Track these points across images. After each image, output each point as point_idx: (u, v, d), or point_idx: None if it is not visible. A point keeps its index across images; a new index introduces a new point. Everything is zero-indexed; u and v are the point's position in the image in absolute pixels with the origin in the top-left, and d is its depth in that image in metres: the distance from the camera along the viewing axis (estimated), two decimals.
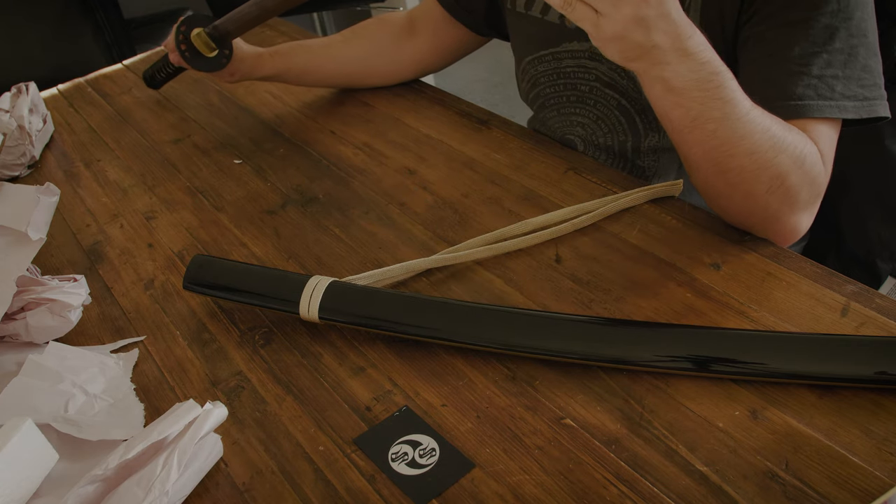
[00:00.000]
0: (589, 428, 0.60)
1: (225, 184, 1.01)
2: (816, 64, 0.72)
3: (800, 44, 0.72)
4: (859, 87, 0.73)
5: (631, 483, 0.55)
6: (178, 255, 0.89)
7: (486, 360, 0.67)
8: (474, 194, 0.90)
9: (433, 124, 1.05)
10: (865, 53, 0.73)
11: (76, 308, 0.77)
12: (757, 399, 0.60)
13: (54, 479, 0.62)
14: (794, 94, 0.72)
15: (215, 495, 0.60)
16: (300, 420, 0.65)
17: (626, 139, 0.95)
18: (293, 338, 0.74)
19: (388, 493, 0.58)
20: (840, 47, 0.72)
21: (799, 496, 0.53)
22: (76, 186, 1.07)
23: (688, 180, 0.85)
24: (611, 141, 0.97)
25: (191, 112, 1.21)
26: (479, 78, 2.89)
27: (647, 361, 0.63)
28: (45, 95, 1.32)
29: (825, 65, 0.72)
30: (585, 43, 0.91)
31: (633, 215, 0.82)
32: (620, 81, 0.91)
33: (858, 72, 0.73)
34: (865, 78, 0.73)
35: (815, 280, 0.69)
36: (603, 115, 0.95)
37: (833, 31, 0.72)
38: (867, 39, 0.73)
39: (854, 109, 0.73)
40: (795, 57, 0.72)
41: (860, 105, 0.73)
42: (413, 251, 0.82)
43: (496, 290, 0.75)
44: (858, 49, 0.72)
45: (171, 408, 0.60)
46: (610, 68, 0.91)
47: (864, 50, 0.73)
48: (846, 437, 0.56)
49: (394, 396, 0.66)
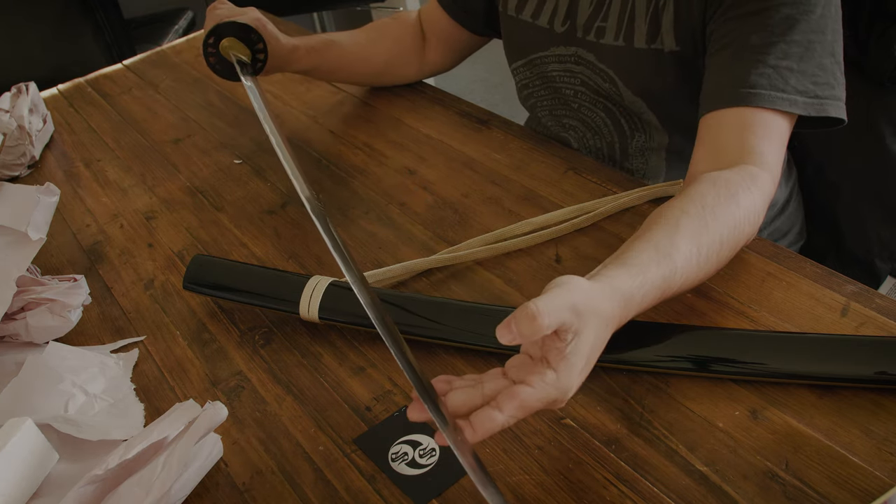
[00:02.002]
0: (589, 428, 0.60)
1: (225, 184, 1.01)
2: (773, 53, 0.71)
3: (757, 33, 0.72)
4: (812, 84, 0.72)
5: (631, 483, 0.55)
6: (178, 255, 0.89)
7: (486, 360, 0.67)
8: (474, 194, 0.90)
9: (433, 124, 1.05)
10: (821, 51, 0.72)
11: (76, 308, 0.77)
12: (757, 399, 0.60)
13: (54, 479, 0.62)
14: (746, 82, 0.72)
15: (215, 495, 0.60)
16: (300, 420, 0.65)
17: (614, 140, 0.96)
18: (293, 338, 0.74)
19: (388, 493, 0.58)
20: (798, 39, 0.71)
21: (799, 496, 0.53)
22: (76, 186, 1.07)
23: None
24: (599, 143, 0.97)
25: (191, 112, 1.21)
26: (479, 78, 2.89)
27: (647, 361, 0.63)
28: (45, 95, 1.32)
29: (781, 55, 0.71)
30: (572, 47, 0.92)
31: (633, 215, 0.82)
32: (604, 85, 0.91)
33: (813, 68, 0.72)
34: (819, 75, 0.72)
35: (815, 280, 0.69)
36: (589, 118, 0.95)
37: (793, 22, 0.71)
38: (825, 38, 0.72)
39: (804, 105, 0.72)
40: (752, 46, 0.72)
41: (811, 102, 0.72)
42: (413, 251, 0.82)
43: (496, 290, 0.75)
44: (815, 45, 0.72)
45: (171, 408, 0.60)
46: (594, 73, 0.91)
47: (821, 47, 0.72)
48: (846, 437, 0.56)
49: (394, 396, 0.66)
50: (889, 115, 1.09)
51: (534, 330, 0.47)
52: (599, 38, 0.88)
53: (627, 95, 0.89)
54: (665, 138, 0.92)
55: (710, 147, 0.73)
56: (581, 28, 0.90)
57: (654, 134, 0.92)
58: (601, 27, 0.88)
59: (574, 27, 0.90)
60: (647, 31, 0.84)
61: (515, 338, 0.48)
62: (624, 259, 0.59)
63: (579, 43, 0.91)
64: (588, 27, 0.89)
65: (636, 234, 0.64)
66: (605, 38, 0.88)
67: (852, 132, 0.77)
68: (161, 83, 1.33)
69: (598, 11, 0.88)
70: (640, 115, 0.91)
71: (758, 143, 0.71)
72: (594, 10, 0.88)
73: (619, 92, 0.90)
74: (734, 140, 0.71)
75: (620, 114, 0.93)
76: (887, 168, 1.04)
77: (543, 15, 0.93)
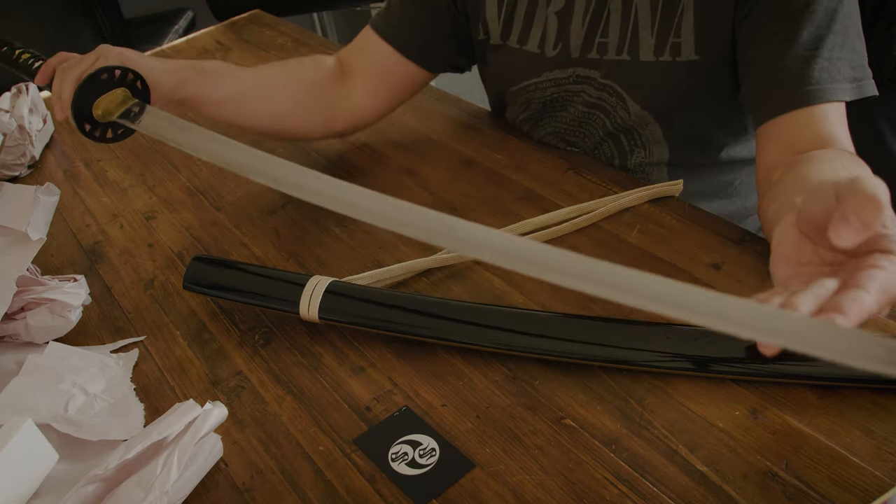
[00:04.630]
0: (589, 428, 0.60)
1: (225, 184, 1.01)
2: (825, 46, 0.73)
3: (807, 28, 0.73)
4: (852, 69, 0.74)
5: (631, 483, 0.55)
6: (178, 255, 0.89)
7: (486, 360, 0.67)
8: (474, 194, 0.90)
9: (433, 124, 1.05)
10: (853, 35, 0.75)
11: (76, 308, 0.77)
12: (757, 399, 0.60)
13: (54, 479, 0.62)
14: (811, 79, 0.73)
15: (215, 495, 0.60)
16: (300, 420, 0.65)
17: (613, 157, 0.94)
18: (293, 338, 0.74)
19: (388, 493, 0.58)
20: (839, 29, 0.74)
21: (799, 496, 0.53)
22: (76, 186, 1.07)
23: (688, 181, 0.85)
24: (600, 160, 0.96)
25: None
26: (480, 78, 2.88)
27: (647, 361, 0.63)
28: (45, 95, 1.32)
29: (832, 47, 0.73)
30: (568, 69, 0.89)
31: (633, 215, 0.82)
32: (609, 100, 0.89)
33: (850, 53, 0.74)
34: (854, 59, 0.75)
35: None
36: (589, 135, 0.94)
37: (833, 12, 0.73)
38: (852, 21, 0.75)
39: (851, 91, 0.74)
40: (805, 42, 0.73)
41: (855, 87, 0.74)
42: (413, 251, 0.82)
43: (496, 290, 0.75)
44: (849, 31, 0.74)
45: (171, 408, 0.60)
46: (598, 89, 0.89)
47: (853, 31, 0.75)
48: (846, 437, 0.56)
49: (394, 396, 0.66)
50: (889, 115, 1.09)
51: (878, 212, 0.38)
52: (602, 55, 0.86)
53: (635, 110, 0.87)
54: (666, 153, 0.91)
55: (786, 143, 0.74)
56: (578, 48, 0.87)
57: (654, 149, 0.91)
58: (602, 43, 0.86)
59: (568, 48, 0.88)
60: (655, 44, 0.83)
61: (859, 232, 0.39)
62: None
63: (576, 63, 0.88)
64: (587, 46, 0.87)
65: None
66: (608, 53, 0.86)
67: (852, 131, 0.77)
68: None
69: (594, 29, 0.85)
70: (642, 131, 0.90)
71: (833, 131, 0.73)
72: (590, 29, 0.86)
73: (625, 107, 0.88)
74: (810, 133, 0.73)
75: (620, 131, 0.91)
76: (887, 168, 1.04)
77: (532, 39, 0.90)
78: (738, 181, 0.95)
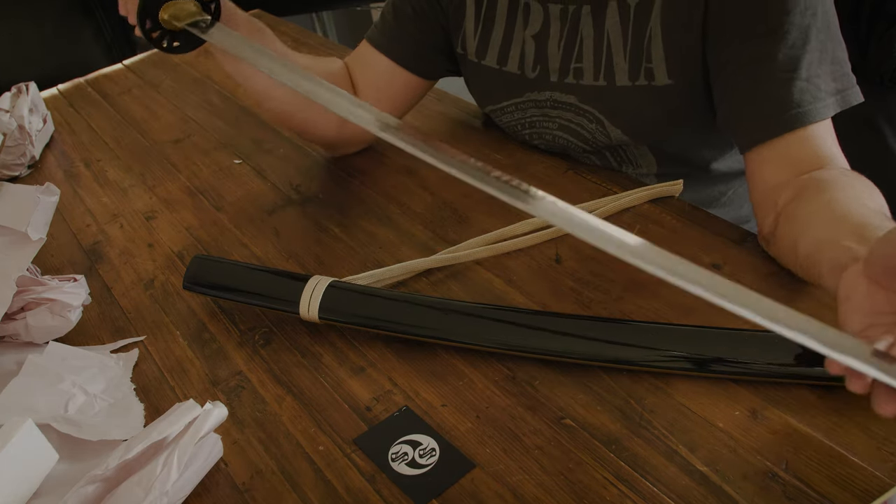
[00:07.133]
0: (589, 428, 0.60)
1: (225, 184, 1.01)
2: (803, 66, 0.71)
3: (782, 51, 0.71)
4: (833, 80, 0.73)
5: (631, 483, 0.55)
6: (178, 255, 0.89)
7: (486, 360, 0.67)
8: (474, 194, 0.90)
9: (433, 124, 1.05)
10: (832, 46, 0.73)
11: (76, 308, 0.77)
12: (757, 399, 0.60)
13: (54, 479, 0.62)
14: (791, 103, 0.71)
15: (215, 495, 0.60)
16: (300, 420, 0.65)
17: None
18: (293, 338, 0.74)
19: (388, 493, 0.58)
20: (815, 45, 0.72)
21: (799, 496, 0.53)
22: (76, 186, 1.07)
23: (688, 181, 0.85)
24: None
25: (191, 112, 1.21)
26: None
27: (647, 361, 0.63)
28: (45, 95, 1.32)
29: (809, 65, 0.71)
30: (546, 92, 0.88)
31: (633, 215, 0.82)
32: (589, 126, 0.87)
33: (829, 66, 0.73)
34: (836, 70, 0.73)
35: None
36: (576, 156, 0.92)
37: (807, 30, 0.71)
38: (830, 31, 0.73)
39: (834, 105, 0.73)
40: (781, 64, 0.71)
41: (838, 99, 0.73)
42: (413, 251, 0.82)
43: (496, 290, 0.75)
44: (826, 43, 0.72)
45: (171, 408, 0.60)
46: (577, 114, 0.87)
47: (831, 43, 0.73)
48: (846, 437, 0.56)
49: (394, 396, 0.66)
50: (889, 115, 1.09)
51: None
52: (579, 80, 0.85)
53: (615, 134, 0.86)
54: (654, 165, 0.90)
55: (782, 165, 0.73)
56: (556, 72, 0.86)
57: (642, 162, 0.90)
58: (578, 68, 0.84)
59: (546, 71, 0.86)
60: (629, 69, 0.81)
61: None
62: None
63: (554, 87, 0.87)
64: (564, 70, 0.85)
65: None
66: (584, 78, 0.84)
67: (852, 131, 0.77)
68: (161, 83, 1.33)
69: (569, 53, 0.84)
70: (626, 149, 0.88)
71: (826, 149, 0.72)
72: (565, 53, 0.84)
73: (605, 132, 0.86)
74: (804, 154, 0.72)
75: (605, 149, 0.89)
76: (887, 167, 1.04)
77: (511, 61, 0.89)
78: (732, 191, 0.94)
